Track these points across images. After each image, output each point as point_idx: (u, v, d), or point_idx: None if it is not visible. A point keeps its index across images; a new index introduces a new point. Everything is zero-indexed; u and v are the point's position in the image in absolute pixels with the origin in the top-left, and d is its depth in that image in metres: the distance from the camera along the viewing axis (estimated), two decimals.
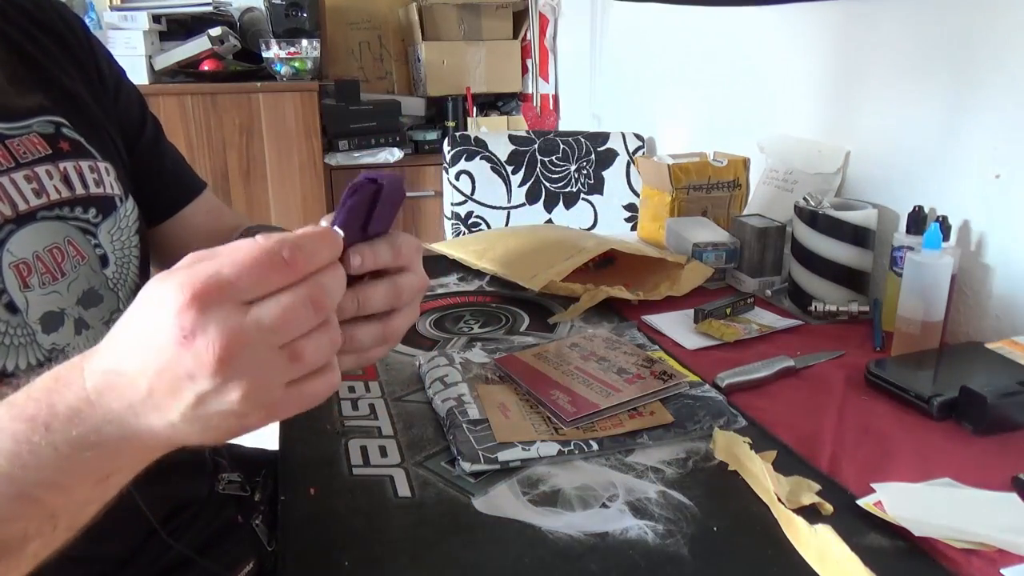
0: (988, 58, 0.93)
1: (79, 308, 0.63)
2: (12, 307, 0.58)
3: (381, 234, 0.46)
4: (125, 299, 0.68)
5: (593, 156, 1.89)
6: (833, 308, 0.98)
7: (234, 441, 0.74)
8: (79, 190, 0.64)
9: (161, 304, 0.35)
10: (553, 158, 1.88)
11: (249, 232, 0.82)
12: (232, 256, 0.36)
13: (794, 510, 0.57)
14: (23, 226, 0.59)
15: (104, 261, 0.66)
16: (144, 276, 0.73)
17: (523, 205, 1.89)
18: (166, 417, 0.37)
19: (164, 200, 0.80)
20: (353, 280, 0.44)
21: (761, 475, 0.60)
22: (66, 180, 0.63)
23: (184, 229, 0.82)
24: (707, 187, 1.31)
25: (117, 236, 0.67)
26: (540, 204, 1.90)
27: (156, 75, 2.34)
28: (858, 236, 1.00)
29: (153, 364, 0.36)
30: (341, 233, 0.41)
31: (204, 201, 0.84)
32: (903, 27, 1.06)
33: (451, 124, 2.72)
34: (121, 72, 0.77)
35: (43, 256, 0.60)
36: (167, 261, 0.81)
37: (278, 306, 0.36)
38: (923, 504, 0.59)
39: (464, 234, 1.86)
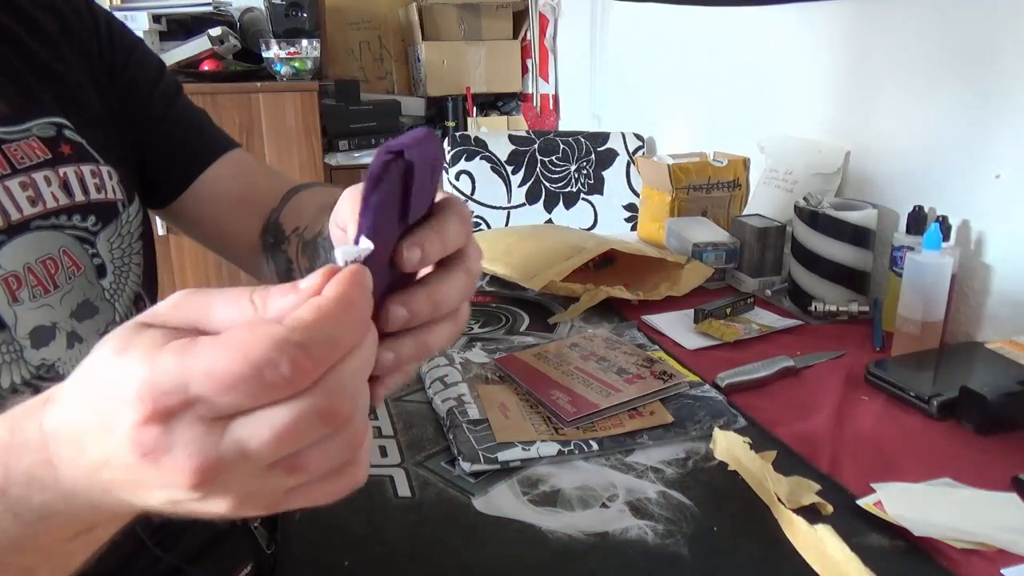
0: (989, 58, 0.93)
1: (72, 321, 0.60)
2: None
3: (425, 212, 0.35)
4: (123, 310, 0.66)
5: (593, 156, 1.89)
6: (833, 308, 0.98)
7: None
8: (79, 197, 0.62)
9: (118, 400, 0.28)
10: (553, 158, 1.88)
11: (293, 194, 0.73)
12: (209, 361, 0.27)
13: (794, 510, 0.57)
14: (14, 237, 0.57)
15: (101, 271, 0.63)
16: (146, 284, 0.70)
17: (523, 205, 1.89)
18: (140, 499, 0.30)
19: (178, 166, 0.73)
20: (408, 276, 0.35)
21: (761, 475, 0.60)
22: (65, 186, 0.61)
23: (208, 198, 0.74)
24: (707, 187, 1.31)
25: (117, 244, 0.65)
26: (540, 204, 1.89)
27: None
28: (858, 236, 1.00)
29: (118, 461, 0.28)
30: (368, 276, 0.29)
31: (229, 163, 0.75)
32: (903, 27, 1.06)
33: (451, 124, 2.71)
34: (136, 40, 0.73)
35: (35, 268, 0.58)
36: (199, 236, 0.78)
37: (269, 429, 0.27)
38: (923, 504, 0.59)
39: None
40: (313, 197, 0.71)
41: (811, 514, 0.57)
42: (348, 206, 0.42)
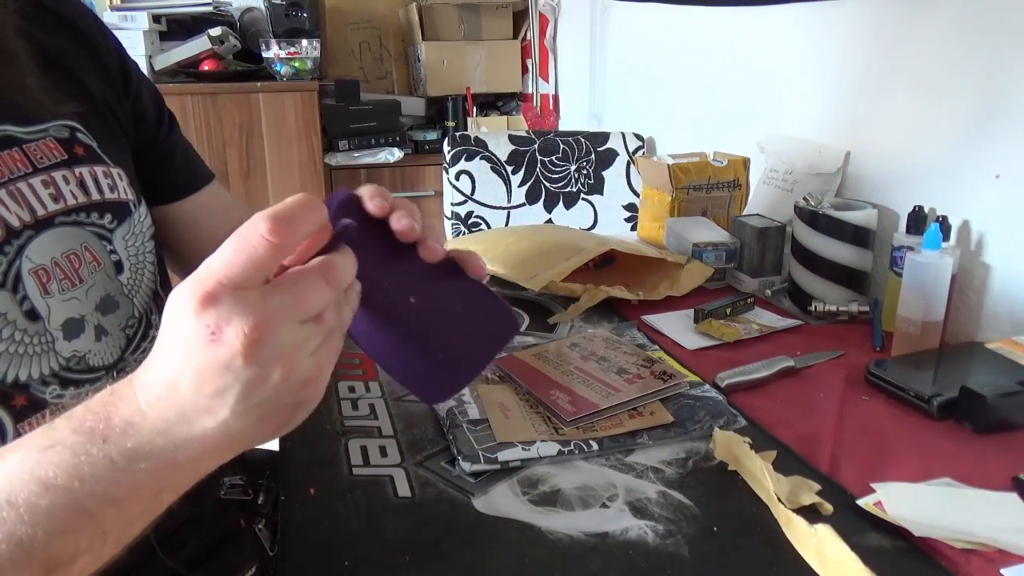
0: (989, 57, 0.93)
1: (97, 314, 0.62)
2: (33, 314, 0.57)
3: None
4: (141, 305, 0.67)
5: (593, 156, 1.89)
6: (833, 308, 0.98)
7: None
8: (95, 195, 0.64)
9: (181, 314, 0.37)
10: (553, 158, 1.88)
11: None
12: (221, 252, 0.37)
13: (794, 510, 0.57)
14: (41, 232, 0.59)
15: (119, 267, 0.65)
16: (162, 282, 0.72)
17: (523, 205, 1.89)
18: (217, 417, 0.38)
19: (173, 184, 0.79)
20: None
21: (761, 475, 0.60)
22: (82, 185, 0.63)
23: (193, 217, 0.80)
24: (707, 187, 1.31)
25: (131, 242, 0.67)
26: (540, 204, 1.89)
27: (156, 75, 2.34)
28: (858, 236, 1.00)
29: (191, 367, 0.37)
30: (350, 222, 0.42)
31: (214, 193, 0.83)
32: (903, 27, 1.06)
33: (451, 124, 2.71)
34: (137, 69, 0.77)
35: (61, 262, 0.60)
36: (176, 247, 0.81)
37: (292, 286, 0.38)
38: (923, 504, 0.59)
39: (464, 234, 1.86)
40: None
41: (811, 514, 0.57)
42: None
